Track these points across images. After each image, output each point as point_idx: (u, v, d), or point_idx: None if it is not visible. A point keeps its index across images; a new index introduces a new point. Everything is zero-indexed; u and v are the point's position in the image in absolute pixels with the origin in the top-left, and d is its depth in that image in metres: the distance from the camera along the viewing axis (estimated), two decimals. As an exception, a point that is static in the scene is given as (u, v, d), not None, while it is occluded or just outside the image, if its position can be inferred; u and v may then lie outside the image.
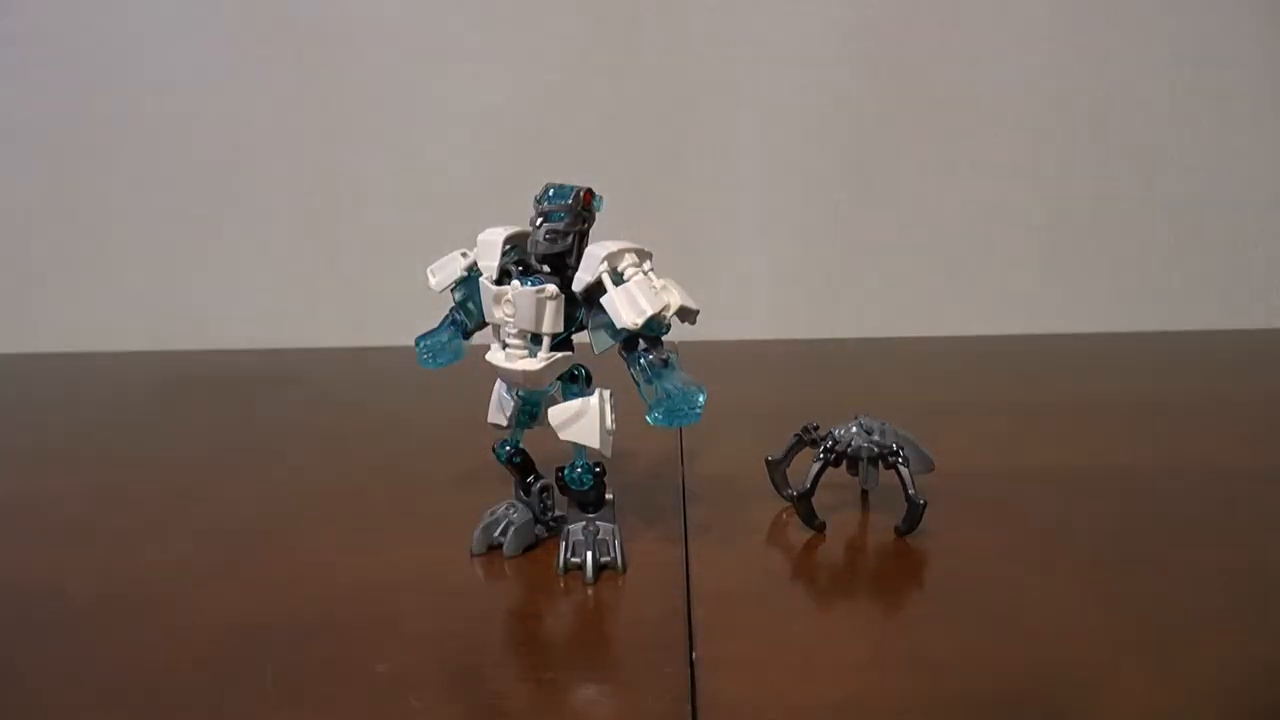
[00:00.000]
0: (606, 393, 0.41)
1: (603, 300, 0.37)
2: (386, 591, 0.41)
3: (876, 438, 0.45)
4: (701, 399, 0.37)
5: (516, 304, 0.39)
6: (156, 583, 0.42)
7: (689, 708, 0.32)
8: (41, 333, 0.86)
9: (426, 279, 0.43)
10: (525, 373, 0.40)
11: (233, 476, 0.55)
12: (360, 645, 0.36)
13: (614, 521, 0.43)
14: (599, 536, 0.42)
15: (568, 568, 0.42)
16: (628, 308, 0.37)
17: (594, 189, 0.40)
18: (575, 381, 0.42)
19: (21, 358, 0.84)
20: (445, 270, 0.42)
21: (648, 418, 0.38)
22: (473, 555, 0.44)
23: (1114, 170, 0.83)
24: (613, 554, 0.42)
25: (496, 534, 0.44)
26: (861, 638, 0.36)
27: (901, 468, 0.44)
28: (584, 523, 0.43)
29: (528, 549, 0.44)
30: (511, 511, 0.45)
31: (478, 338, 0.45)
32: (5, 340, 0.86)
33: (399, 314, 0.82)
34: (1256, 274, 0.85)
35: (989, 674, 0.34)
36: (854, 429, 0.45)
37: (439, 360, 0.43)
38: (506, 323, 0.40)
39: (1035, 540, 0.44)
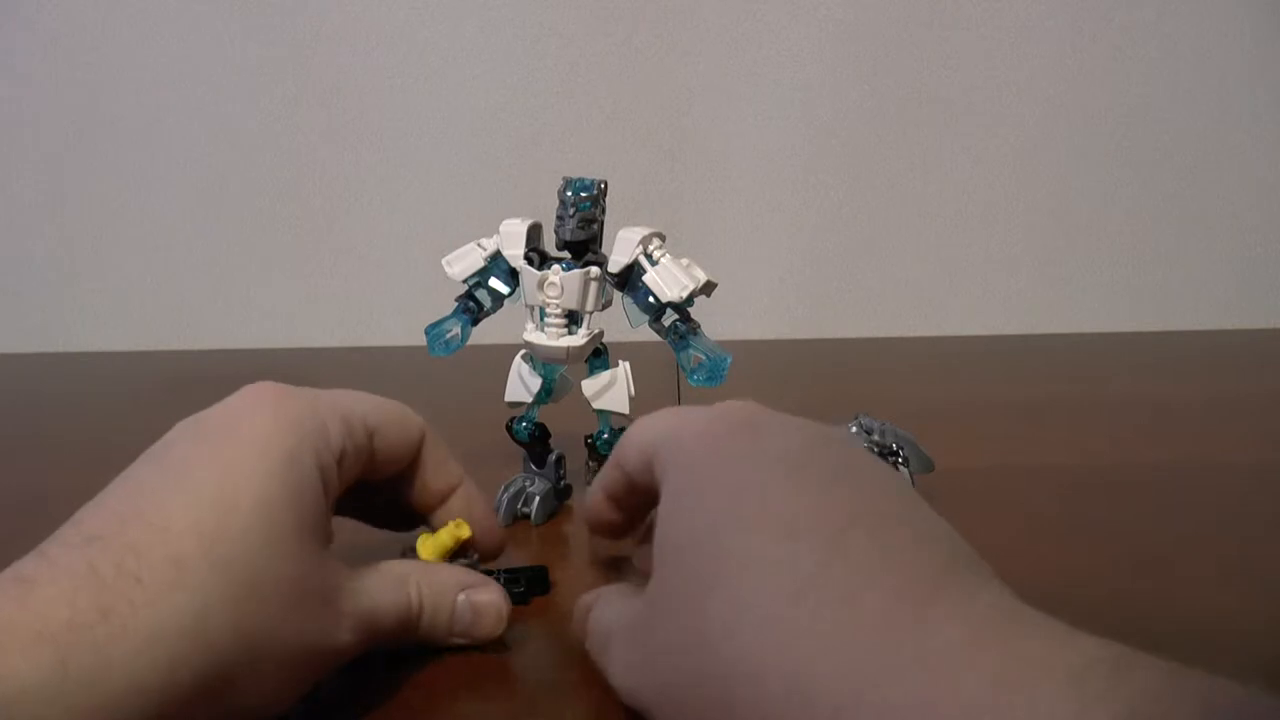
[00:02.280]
0: (626, 364, 0.46)
1: (645, 279, 0.42)
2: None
3: (876, 438, 0.45)
4: (729, 361, 0.43)
5: (564, 286, 0.43)
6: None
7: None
8: (41, 333, 0.86)
9: (428, 276, 0.45)
10: (569, 348, 0.43)
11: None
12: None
13: None
14: None
15: None
16: (670, 284, 0.42)
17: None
18: (598, 355, 0.46)
19: (21, 358, 0.84)
20: (465, 261, 0.45)
21: (690, 380, 0.43)
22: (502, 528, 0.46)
23: (1114, 170, 0.83)
24: None
25: (520, 505, 0.47)
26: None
27: (901, 467, 0.44)
28: None
29: (550, 516, 0.47)
30: (529, 484, 0.47)
31: (476, 335, 0.46)
32: (5, 340, 0.86)
33: (398, 313, 0.82)
34: (1256, 274, 0.85)
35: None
36: (854, 429, 0.45)
37: (450, 347, 0.45)
38: (550, 304, 0.43)
39: (1035, 540, 0.44)
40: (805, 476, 0.27)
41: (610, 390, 0.46)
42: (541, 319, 0.44)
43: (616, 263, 0.43)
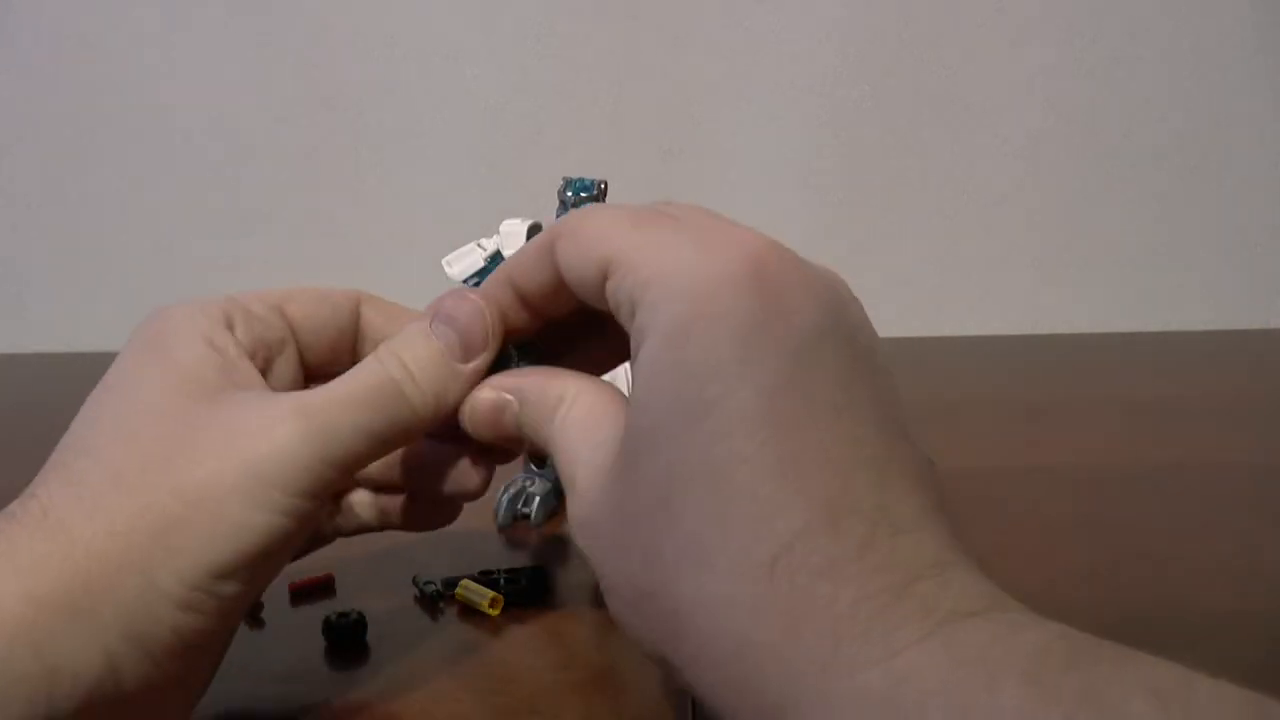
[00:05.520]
0: (626, 364, 0.45)
1: None
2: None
3: (876, 437, 0.45)
4: None
5: None
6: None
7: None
8: (41, 333, 0.86)
9: (429, 276, 0.45)
10: None
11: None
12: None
13: None
14: None
15: None
16: None
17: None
18: None
19: (21, 358, 0.84)
20: (465, 261, 0.44)
21: None
22: (500, 529, 0.45)
23: (1114, 170, 0.83)
24: None
25: (520, 505, 0.46)
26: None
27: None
28: None
29: (550, 516, 0.46)
30: (529, 484, 0.47)
31: None
32: (5, 340, 0.86)
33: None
34: (1256, 274, 0.85)
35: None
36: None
37: None
38: None
39: (1035, 540, 0.44)
40: (820, 388, 0.22)
41: None
42: None
43: None
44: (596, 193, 0.43)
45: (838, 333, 0.23)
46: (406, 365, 0.27)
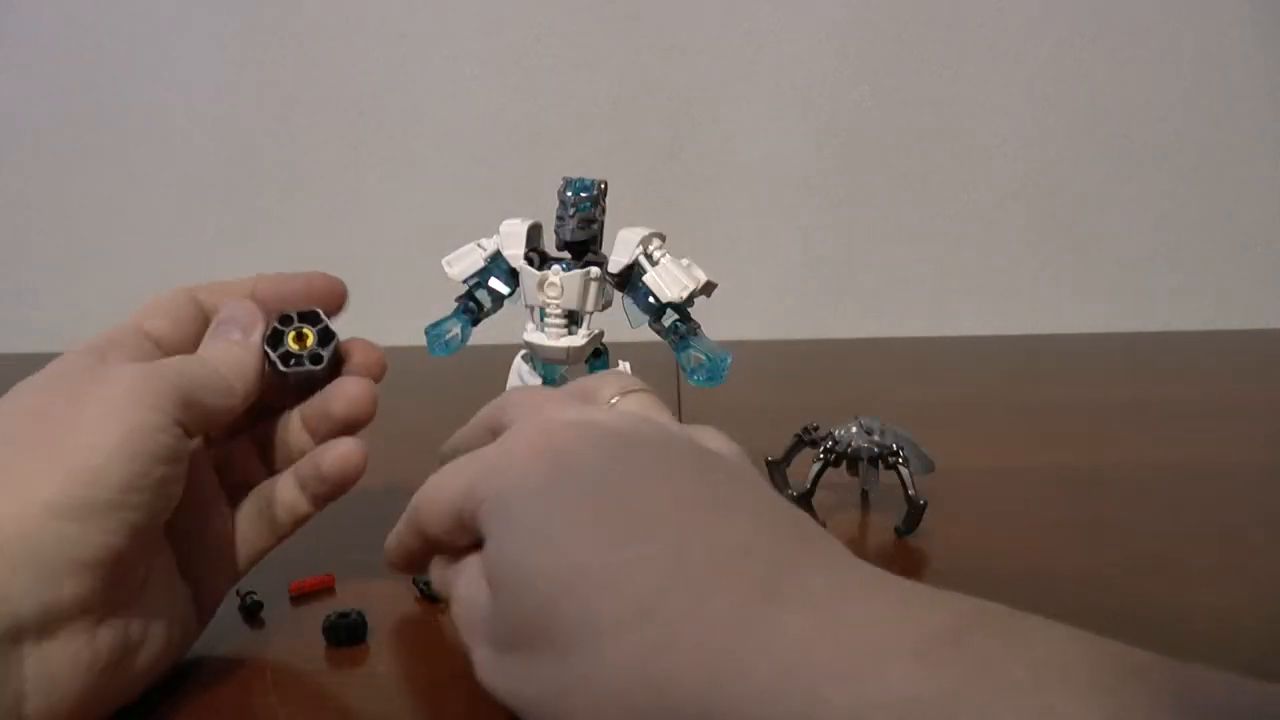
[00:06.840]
0: (626, 365, 0.45)
1: (645, 280, 0.42)
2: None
3: (876, 438, 0.45)
4: (729, 360, 0.43)
5: (564, 286, 0.43)
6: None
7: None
8: (41, 333, 0.86)
9: (429, 276, 0.45)
10: (569, 348, 0.44)
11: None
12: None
13: None
14: None
15: None
16: (671, 284, 0.42)
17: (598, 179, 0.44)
18: (598, 356, 0.46)
19: (21, 358, 0.84)
20: (465, 261, 0.45)
21: (691, 380, 0.43)
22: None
23: (1114, 170, 0.83)
24: None
25: None
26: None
27: (902, 468, 0.44)
28: None
29: None
30: None
31: (476, 335, 0.46)
32: (5, 340, 0.86)
33: (398, 314, 0.82)
34: (1256, 274, 0.85)
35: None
36: (854, 429, 0.45)
37: (450, 347, 0.46)
38: (550, 304, 0.43)
39: (1036, 540, 0.44)
40: (621, 492, 0.27)
41: None
42: (541, 319, 0.44)
43: (616, 263, 0.43)
44: (596, 192, 0.43)
45: (628, 461, 0.28)
46: (210, 358, 0.35)
